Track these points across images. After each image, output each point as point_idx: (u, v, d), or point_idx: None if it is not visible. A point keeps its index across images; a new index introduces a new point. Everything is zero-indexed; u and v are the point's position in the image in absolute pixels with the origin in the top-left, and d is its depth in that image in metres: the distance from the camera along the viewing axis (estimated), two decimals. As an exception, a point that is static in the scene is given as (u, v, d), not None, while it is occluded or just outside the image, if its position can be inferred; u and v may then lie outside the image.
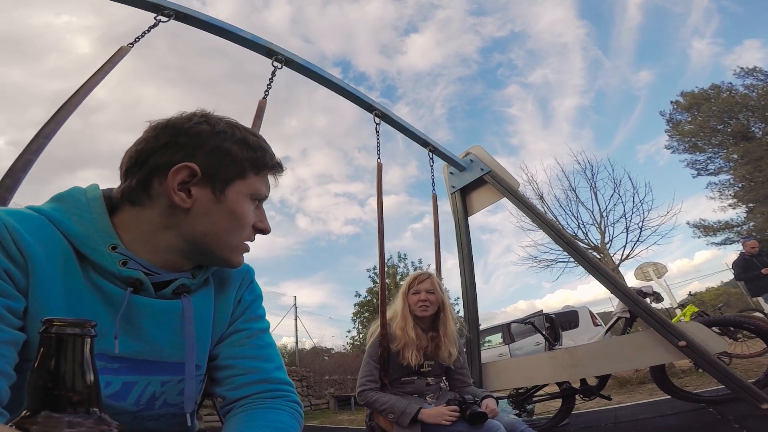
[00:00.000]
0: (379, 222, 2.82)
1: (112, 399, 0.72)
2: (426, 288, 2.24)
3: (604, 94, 39.24)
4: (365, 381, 2.12)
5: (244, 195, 0.80)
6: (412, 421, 1.88)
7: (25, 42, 26.18)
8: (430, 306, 2.22)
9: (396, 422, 1.93)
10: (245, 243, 0.84)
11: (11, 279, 0.63)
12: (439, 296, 2.25)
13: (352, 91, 3.09)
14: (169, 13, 2.35)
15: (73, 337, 0.41)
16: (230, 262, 0.83)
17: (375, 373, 2.14)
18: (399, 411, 1.92)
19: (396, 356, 2.16)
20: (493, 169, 3.70)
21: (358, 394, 2.12)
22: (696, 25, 33.05)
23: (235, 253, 0.82)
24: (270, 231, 0.87)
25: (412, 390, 2.14)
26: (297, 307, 15.18)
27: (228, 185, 0.78)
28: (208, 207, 0.76)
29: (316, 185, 43.16)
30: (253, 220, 0.83)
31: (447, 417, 1.83)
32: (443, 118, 44.94)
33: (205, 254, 0.80)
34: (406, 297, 2.27)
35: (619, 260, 12.60)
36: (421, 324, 2.24)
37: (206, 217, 0.76)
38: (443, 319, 2.24)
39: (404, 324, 2.19)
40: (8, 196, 1.75)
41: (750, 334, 3.70)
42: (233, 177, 0.78)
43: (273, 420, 0.78)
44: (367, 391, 2.08)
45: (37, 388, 0.40)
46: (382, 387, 2.13)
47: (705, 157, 21.69)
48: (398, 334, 2.18)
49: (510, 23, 39.46)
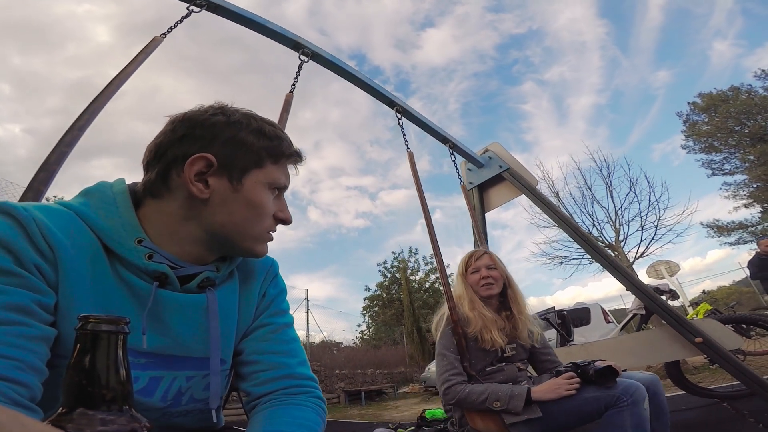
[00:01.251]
0: (423, 208, 2.79)
1: (140, 395, 0.73)
2: (486, 264, 2.02)
3: (621, 92, 38.86)
4: (449, 375, 1.77)
5: (262, 184, 0.79)
6: (526, 403, 1.57)
7: (46, 30, 26.52)
8: (495, 283, 1.99)
9: (505, 410, 1.59)
10: (267, 233, 0.83)
11: (42, 274, 0.63)
12: (502, 271, 2.03)
13: (375, 86, 3.14)
14: (201, 3, 2.37)
15: (107, 334, 0.41)
16: (253, 251, 0.82)
17: (457, 364, 1.81)
18: (506, 396, 1.60)
19: (475, 342, 1.87)
20: (511, 167, 3.73)
21: (443, 393, 1.77)
22: (718, 27, 32.56)
23: (257, 242, 0.82)
24: (291, 221, 0.86)
25: (503, 379, 1.81)
26: (308, 301, 15.29)
27: (245, 174, 0.77)
28: (225, 197, 0.76)
29: (328, 178, 43.61)
30: (273, 209, 0.82)
31: (567, 387, 1.54)
32: (457, 113, 44.85)
33: (227, 245, 0.80)
34: (465, 278, 2.05)
35: (633, 258, 12.57)
36: (491, 305, 1.99)
37: (224, 207, 0.76)
38: (512, 296, 2.01)
39: (473, 305, 1.94)
40: (43, 189, 1.76)
41: (763, 332, 3.70)
42: (250, 166, 0.78)
43: (298, 417, 0.77)
44: (456, 386, 1.74)
45: (73, 385, 0.40)
46: (469, 379, 1.80)
47: (721, 157, 21.47)
48: (471, 315, 1.91)
49: (529, 20, 39.10)
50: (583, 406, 1.51)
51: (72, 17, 31.80)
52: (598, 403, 1.46)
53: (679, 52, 35.76)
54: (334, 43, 43.16)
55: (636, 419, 1.39)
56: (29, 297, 0.60)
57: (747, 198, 20.62)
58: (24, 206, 0.65)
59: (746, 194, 20.65)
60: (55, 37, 31.04)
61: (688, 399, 3.60)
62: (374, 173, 41.65)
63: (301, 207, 42.58)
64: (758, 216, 20.35)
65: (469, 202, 3.54)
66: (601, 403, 1.46)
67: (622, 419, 1.40)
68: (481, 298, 1.98)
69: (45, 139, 29.33)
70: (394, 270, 24.18)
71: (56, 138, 1.83)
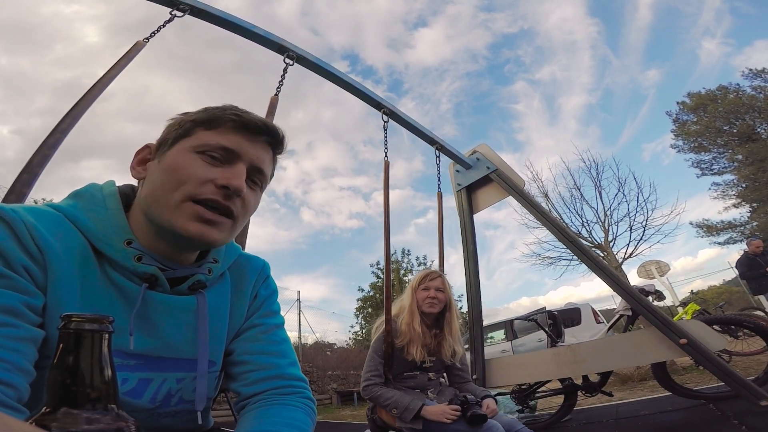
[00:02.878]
0: (385, 219, 2.86)
1: (129, 396, 0.72)
2: (436, 286, 2.28)
3: (611, 92, 39.16)
4: (370, 376, 2.15)
5: (186, 149, 0.74)
6: (414, 416, 1.92)
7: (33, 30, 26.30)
8: (438, 304, 2.26)
9: (399, 417, 1.97)
10: (194, 204, 0.71)
11: (30, 275, 0.62)
12: (447, 295, 2.30)
13: (361, 88, 3.14)
14: (184, 8, 2.39)
15: (91, 333, 0.41)
16: (173, 225, 0.70)
17: (380, 368, 2.17)
18: (403, 406, 1.96)
19: (400, 351, 2.19)
20: (499, 168, 3.74)
21: (362, 389, 2.15)
22: (707, 25, 32.80)
23: (178, 214, 0.70)
24: (236, 187, 0.72)
25: (414, 384, 2.16)
26: (300, 302, 15.27)
27: (172, 147, 0.75)
28: (152, 171, 0.75)
29: (321, 178, 43.62)
30: (202, 174, 0.72)
31: (448, 415, 1.87)
32: (450, 113, 44.94)
33: (155, 225, 0.72)
34: (415, 292, 2.31)
35: (622, 258, 12.67)
36: (427, 320, 2.27)
37: (149, 181, 0.75)
38: (449, 318, 2.28)
39: (411, 319, 2.22)
40: (26, 191, 1.76)
41: (750, 333, 3.73)
42: (178, 138, 0.75)
43: (287, 417, 0.77)
44: (372, 386, 2.11)
45: (56, 385, 0.40)
46: (386, 382, 2.16)
47: (710, 156, 21.70)
48: (404, 329, 2.21)
49: (521, 20, 39.21)
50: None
51: (60, 18, 31.53)
52: None
53: (668, 51, 36.03)
54: (326, 43, 43.21)
55: None
56: (17, 298, 0.60)
57: (735, 198, 20.84)
58: (13, 208, 0.65)
59: (735, 194, 20.88)
60: (43, 38, 30.78)
61: (673, 400, 3.62)
62: (367, 173, 41.59)
63: (293, 208, 42.63)
64: (747, 215, 20.58)
65: (440, 206, 3.55)
66: None
67: None
68: (421, 313, 2.25)
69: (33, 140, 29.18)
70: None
71: (44, 139, 1.81)
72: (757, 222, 19.85)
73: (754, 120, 20.20)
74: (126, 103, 36.29)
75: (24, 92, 34.23)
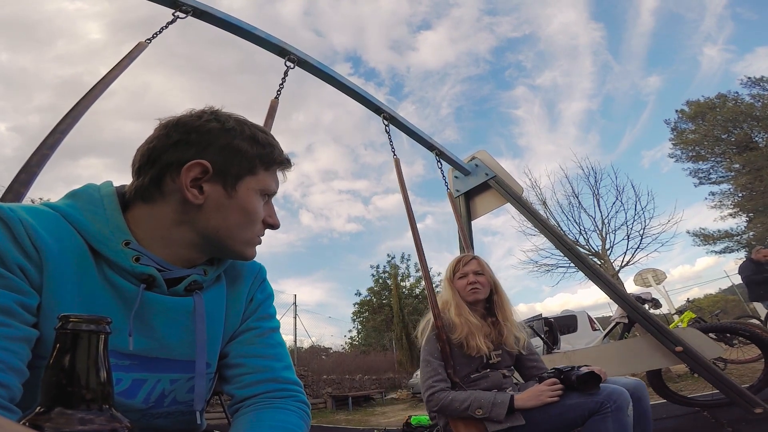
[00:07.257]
0: (409, 215, 2.77)
1: (122, 396, 0.73)
2: (473, 269, 2.00)
3: (612, 98, 39.35)
4: (433, 382, 1.75)
5: (254, 191, 0.81)
6: (508, 411, 1.55)
7: (35, 27, 26.31)
8: (482, 288, 1.97)
9: (488, 418, 1.56)
10: (257, 237, 0.85)
11: (25, 275, 0.63)
12: (489, 276, 2.01)
13: (362, 93, 3.15)
14: (187, 10, 2.38)
15: (88, 334, 0.41)
16: (243, 255, 0.84)
17: (441, 371, 1.79)
18: (489, 403, 1.57)
19: (459, 348, 1.85)
20: (497, 174, 3.75)
21: (426, 400, 1.76)
22: (708, 32, 32.96)
23: (248, 246, 0.84)
24: (279, 226, 0.89)
25: (488, 385, 1.78)
26: (296, 306, 15.24)
27: (239, 181, 0.79)
28: (220, 203, 0.77)
29: (320, 181, 43.60)
30: (263, 215, 0.84)
31: (550, 394, 1.51)
32: (450, 117, 45.13)
33: (219, 248, 0.81)
34: (453, 283, 2.04)
35: (619, 266, 12.70)
36: (477, 310, 1.98)
37: (218, 212, 0.78)
38: (499, 303, 1.99)
39: (460, 311, 1.92)
40: (23, 191, 1.75)
41: (746, 341, 3.75)
42: (244, 173, 0.79)
43: (281, 420, 0.78)
44: (439, 392, 1.71)
45: (51, 385, 0.40)
46: (453, 387, 1.77)
47: (708, 165, 21.81)
48: (457, 321, 1.88)
49: (525, 24, 39.36)
50: (566, 413, 1.48)
51: (63, 15, 31.58)
52: (582, 410, 1.44)
53: (669, 58, 36.20)
54: (329, 44, 43.29)
55: (619, 426, 1.38)
56: (11, 298, 0.60)
57: (732, 207, 20.90)
58: (10, 207, 0.65)
59: (732, 203, 20.93)
60: (45, 35, 30.81)
61: (668, 407, 3.62)
62: (368, 177, 41.75)
63: (292, 210, 42.53)
64: (744, 225, 20.64)
65: (456, 208, 3.55)
66: (584, 410, 1.43)
67: (605, 426, 1.38)
68: (467, 304, 1.96)
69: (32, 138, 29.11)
70: (386, 276, 24.18)
71: (43, 137, 1.82)
72: (754, 231, 19.91)
73: (751, 128, 20.31)
74: (126, 101, 36.25)
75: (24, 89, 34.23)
